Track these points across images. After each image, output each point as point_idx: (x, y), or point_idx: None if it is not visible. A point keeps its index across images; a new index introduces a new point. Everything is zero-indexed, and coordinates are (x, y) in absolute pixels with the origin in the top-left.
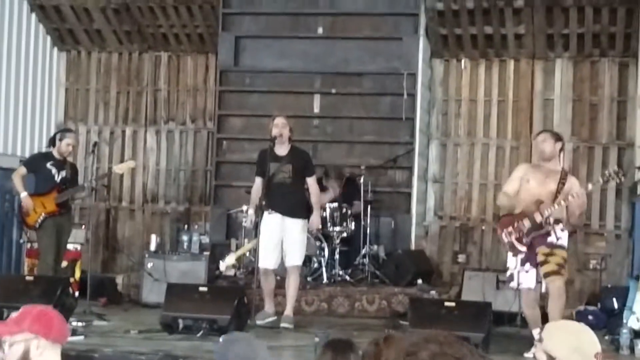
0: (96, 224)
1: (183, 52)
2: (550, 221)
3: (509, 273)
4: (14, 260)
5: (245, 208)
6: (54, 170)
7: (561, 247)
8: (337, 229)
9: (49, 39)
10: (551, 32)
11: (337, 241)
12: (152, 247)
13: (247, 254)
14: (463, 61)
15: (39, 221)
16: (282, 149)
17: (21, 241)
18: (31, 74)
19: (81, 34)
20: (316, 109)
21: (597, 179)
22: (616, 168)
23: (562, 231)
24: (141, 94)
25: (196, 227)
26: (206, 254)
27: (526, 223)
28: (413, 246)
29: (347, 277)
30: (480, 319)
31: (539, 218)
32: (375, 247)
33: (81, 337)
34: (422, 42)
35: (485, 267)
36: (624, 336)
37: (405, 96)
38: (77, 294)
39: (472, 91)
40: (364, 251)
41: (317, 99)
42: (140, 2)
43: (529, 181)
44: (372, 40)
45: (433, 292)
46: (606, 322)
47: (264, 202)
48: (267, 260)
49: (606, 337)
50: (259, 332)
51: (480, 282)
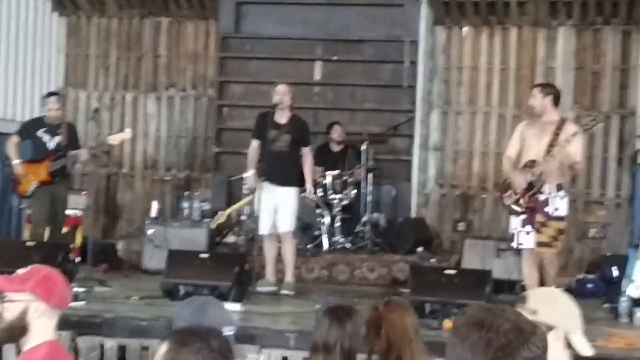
0: (96, 190)
1: (184, 17)
2: (544, 179)
3: (510, 232)
4: (14, 226)
5: (245, 174)
6: (45, 137)
7: (557, 218)
8: (338, 196)
9: (48, 4)
10: (554, 0)
11: (338, 209)
12: (153, 213)
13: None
14: (465, 29)
15: (29, 190)
16: (282, 117)
17: (21, 207)
18: (31, 39)
19: None
20: (317, 76)
21: (579, 128)
22: (591, 115)
23: (562, 199)
24: (141, 59)
25: (197, 194)
26: (207, 220)
27: (520, 184)
28: (414, 214)
29: (348, 245)
30: (480, 287)
31: (529, 177)
32: (376, 215)
33: (82, 303)
34: (424, 9)
35: (485, 235)
36: (623, 304)
37: (407, 64)
38: (78, 259)
39: (474, 59)
40: (364, 219)
41: (318, 66)
42: None
43: (525, 139)
44: (374, 7)
45: (433, 260)
46: (605, 291)
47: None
48: (264, 227)
49: (605, 306)
50: (260, 298)
51: (481, 250)
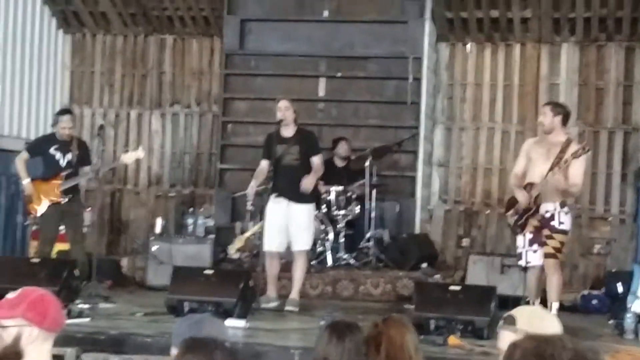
0: (101, 206)
1: (188, 35)
2: (540, 202)
3: (518, 251)
4: (18, 243)
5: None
6: (57, 155)
7: (562, 231)
8: (342, 212)
9: (54, 21)
10: (557, 16)
11: (342, 225)
12: (157, 230)
13: (253, 237)
14: (468, 45)
15: (40, 209)
16: (288, 131)
17: (26, 223)
18: (36, 56)
19: (86, 17)
20: (321, 93)
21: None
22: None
23: (566, 214)
24: (146, 76)
25: (201, 210)
26: (211, 237)
27: (522, 204)
28: (417, 230)
29: (352, 261)
30: (485, 303)
31: (527, 200)
32: (380, 230)
33: (87, 319)
34: (427, 26)
35: (489, 251)
36: (628, 321)
37: (411, 80)
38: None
39: (477, 75)
40: (368, 235)
41: (322, 82)
42: None
43: (532, 157)
44: (378, 24)
45: (437, 276)
46: (610, 307)
47: (270, 185)
48: (270, 244)
49: (610, 322)
50: (264, 315)
51: (485, 267)
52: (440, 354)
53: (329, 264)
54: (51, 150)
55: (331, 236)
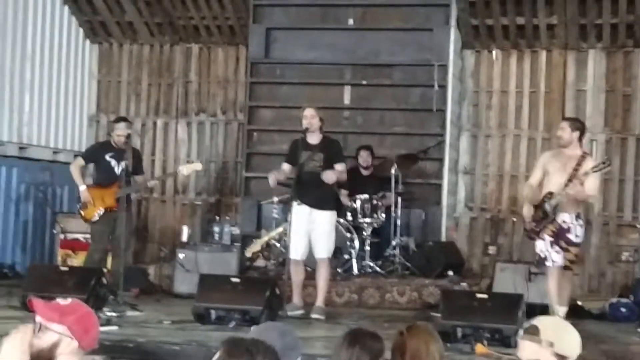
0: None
1: (214, 43)
2: (560, 210)
3: (542, 254)
4: (47, 251)
5: (275, 199)
6: (113, 162)
7: (576, 244)
8: (368, 220)
9: (81, 31)
10: (584, 23)
11: (368, 232)
12: (184, 238)
13: (276, 243)
14: (494, 52)
15: (95, 216)
16: (313, 139)
17: (54, 232)
18: (64, 66)
19: (113, 26)
20: (346, 101)
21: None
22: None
23: (581, 227)
24: (172, 85)
25: (227, 218)
26: (237, 245)
27: (527, 216)
28: (444, 238)
29: (378, 269)
30: (512, 311)
31: (531, 215)
32: (406, 238)
33: (115, 327)
34: (453, 33)
35: (516, 259)
36: None
37: (436, 87)
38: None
39: (503, 82)
40: (394, 243)
41: (347, 90)
42: None
43: (548, 170)
44: (403, 31)
45: (464, 284)
46: (639, 315)
47: (293, 193)
48: (295, 251)
49: (639, 330)
50: (290, 323)
51: (512, 274)
52: None
53: (355, 271)
54: (107, 156)
55: (357, 244)
